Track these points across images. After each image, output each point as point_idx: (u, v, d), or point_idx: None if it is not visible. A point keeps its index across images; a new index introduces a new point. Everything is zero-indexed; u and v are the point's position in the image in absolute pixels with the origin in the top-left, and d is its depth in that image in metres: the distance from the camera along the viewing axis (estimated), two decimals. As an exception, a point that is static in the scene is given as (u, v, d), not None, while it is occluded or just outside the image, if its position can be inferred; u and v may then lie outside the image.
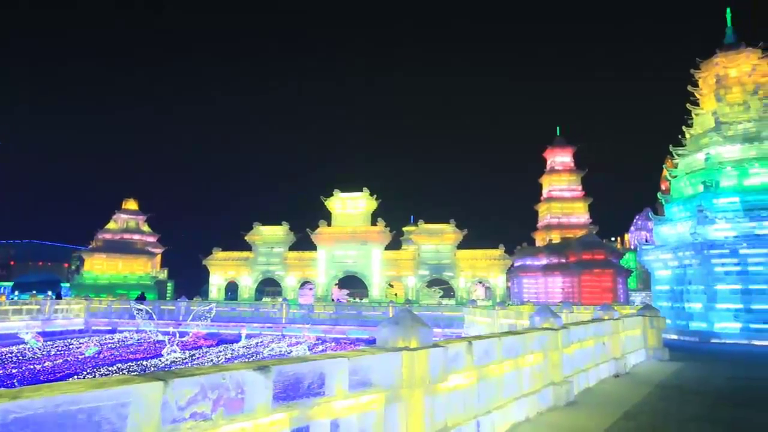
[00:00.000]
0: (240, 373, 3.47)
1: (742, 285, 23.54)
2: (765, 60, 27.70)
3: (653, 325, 15.99)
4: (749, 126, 26.09)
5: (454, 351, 6.03)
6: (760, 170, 25.08)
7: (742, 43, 28.26)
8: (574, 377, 9.87)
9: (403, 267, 57.27)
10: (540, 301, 56.60)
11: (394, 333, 5.40)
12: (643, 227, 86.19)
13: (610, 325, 12.83)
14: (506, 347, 7.35)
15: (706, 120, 27.81)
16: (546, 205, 77.40)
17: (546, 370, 8.73)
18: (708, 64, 28.86)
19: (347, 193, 58.61)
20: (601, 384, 11.10)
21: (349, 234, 55.99)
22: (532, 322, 9.64)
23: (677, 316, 25.57)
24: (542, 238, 75.01)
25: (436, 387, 5.59)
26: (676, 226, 27.25)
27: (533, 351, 8.32)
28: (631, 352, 14.18)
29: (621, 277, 62.71)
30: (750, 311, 23.14)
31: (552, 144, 79.14)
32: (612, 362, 12.39)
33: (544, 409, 8.34)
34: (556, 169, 78.39)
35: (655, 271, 28.78)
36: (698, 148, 27.66)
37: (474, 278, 58.80)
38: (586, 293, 58.35)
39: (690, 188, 27.52)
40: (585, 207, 76.41)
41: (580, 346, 10.65)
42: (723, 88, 27.53)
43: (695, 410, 8.75)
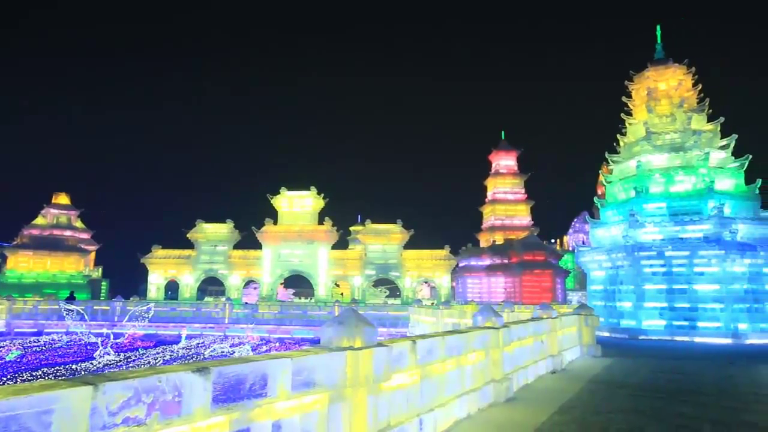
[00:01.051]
0: (177, 376, 3.36)
1: (666, 285, 25.12)
2: (689, 75, 29.68)
3: (588, 324, 16.77)
4: (675, 137, 27.88)
5: (398, 350, 6.08)
6: (684, 178, 26.85)
7: (670, 59, 30.17)
8: (514, 374, 10.20)
9: (350, 266, 57.23)
10: (483, 300, 58.09)
11: (338, 332, 5.39)
12: (581, 230, 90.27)
13: (549, 323, 13.34)
14: (449, 346, 7.49)
15: (638, 129, 29.46)
16: (490, 207, 79.62)
17: (487, 367, 8.98)
18: (640, 77, 30.60)
19: (294, 191, 57.92)
20: (539, 380, 11.52)
21: (296, 233, 55.33)
22: (474, 321, 9.88)
23: (610, 315, 26.94)
24: (486, 239, 77.09)
25: (380, 386, 5.62)
26: (610, 229, 28.70)
27: (475, 349, 8.53)
28: (568, 349, 14.81)
29: (559, 277, 65.39)
30: (673, 309, 24.74)
31: (497, 147, 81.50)
32: (550, 359, 12.89)
33: (485, 405, 8.57)
34: (500, 172, 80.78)
35: (590, 271, 30.19)
36: (631, 155, 29.26)
37: (420, 278, 59.59)
38: (527, 293, 60.46)
39: (623, 193, 29.06)
40: (527, 209, 79.19)
41: (520, 344, 11.02)
42: (653, 100, 29.28)
43: (622, 403, 9.26)
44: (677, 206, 26.31)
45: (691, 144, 27.35)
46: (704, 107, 28.61)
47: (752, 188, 26.73)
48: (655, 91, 29.67)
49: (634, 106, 30.86)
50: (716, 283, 24.30)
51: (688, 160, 27.11)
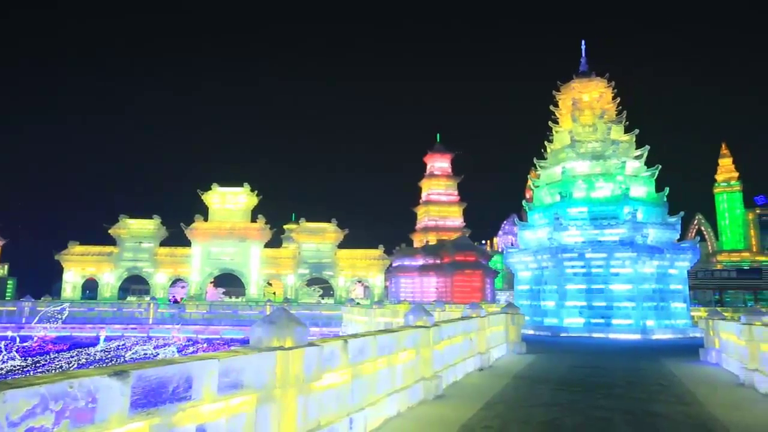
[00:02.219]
0: (92, 380, 3.14)
1: (586, 285, 26.68)
2: (609, 89, 31.70)
3: (514, 322, 17.47)
4: (596, 145, 29.66)
5: (330, 350, 6.05)
6: (603, 184, 28.63)
7: (593, 72, 32.08)
8: (444, 372, 10.44)
9: (283, 265, 56.29)
10: (416, 300, 59.04)
11: (268, 332, 5.28)
12: (510, 232, 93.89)
13: (478, 322, 13.77)
14: (381, 345, 7.54)
15: (563, 137, 31.08)
16: (425, 208, 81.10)
17: (418, 366, 9.13)
18: (566, 88, 32.29)
19: (227, 187, 56.17)
20: (468, 377, 11.86)
21: (228, 230, 53.67)
22: (406, 320, 10.01)
23: (534, 313, 28.22)
24: (420, 240, 78.44)
25: (311, 386, 5.56)
26: (536, 232, 30.07)
27: (406, 348, 8.64)
28: (495, 347, 15.35)
29: (489, 277, 67.70)
30: (591, 308, 26.31)
31: (432, 150, 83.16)
32: (478, 357, 13.31)
33: (415, 403, 8.70)
34: (435, 174, 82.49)
35: (517, 272, 31.49)
36: (557, 162, 30.80)
37: (353, 277, 59.63)
38: (457, 292, 62.10)
39: (549, 198, 30.54)
40: (460, 211, 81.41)
41: (449, 342, 11.29)
42: (577, 110, 31.00)
43: (543, 397, 9.74)
44: (597, 211, 28.00)
45: (610, 153, 29.19)
46: (622, 119, 30.63)
47: (661, 196, 28.94)
48: (580, 102, 31.42)
49: (560, 115, 32.51)
50: (629, 283, 26.10)
51: (608, 168, 28.92)
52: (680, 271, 27.60)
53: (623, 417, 8.13)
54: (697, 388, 10.88)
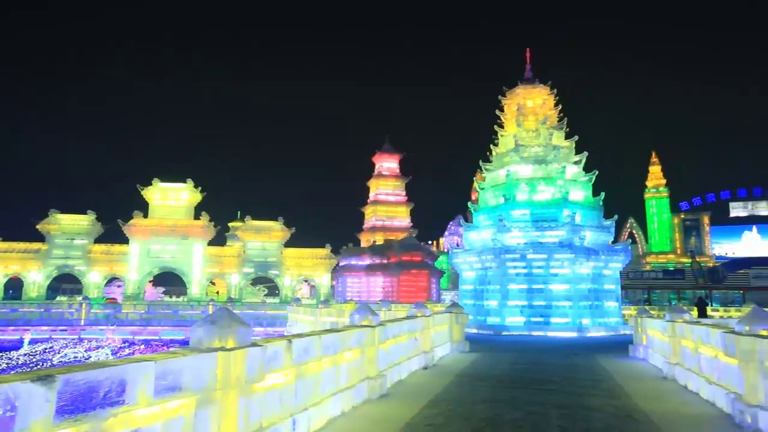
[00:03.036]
0: (11, 386, 2.94)
1: (527, 285, 27.61)
2: (552, 96, 32.96)
3: (458, 321, 17.82)
4: (539, 150, 30.76)
5: (273, 350, 5.95)
6: (545, 188, 29.72)
7: (537, 79, 33.26)
8: (388, 371, 10.51)
9: (227, 264, 54.87)
10: (362, 299, 59.10)
11: (209, 333, 5.13)
12: (455, 233, 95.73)
13: (423, 321, 13.95)
14: (326, 345, 7.50)
15: (508, 141, 32.02)
16: (372, 207, 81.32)
17: (362, 365, 9.14)
18: (512, 93, 33.29)
19: (169, 183, 54.10)
20: (412, 376, 12.00)
21: (169, 227, 51.70)
22: (351, 320, 10.00)
23: (478, 312, 28.91)
24: (367, 240, 78.59)
25: (253, 387, 5.45)
26: (481, 233, 30.81)
27: (351, 348, 8.64)
28: (439, 346, 15.60)
29: (435, 277, 68.73)
30: (532, 307, 27.26)
31: (381, 150, 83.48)
32: (422, 355, 13.48)
33: (359, 402, 8.71)
34: (383, 174, 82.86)
35: (462, 272, 32.14)
36: (501, 165, 31.69)
37: (300, 276, 58.96)
38: (404, 292, 62.66)
39: (494, 200, 31.37)
40: (407, 211, 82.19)
41: (395, 341, 11.38)
42: (522, 115, 32.03)
43: (484, 394, 10.00)
44: (539, 213, 29.02)
45: (552, 158, 30.35)
46: (563, 126, 31.91)
47: (597, 200, 30.38)
48: (524, 108, 32.47)
49: (505, 120, 33.47)
50: (567, 283, 27.23)
51: (549, 172, 30.04)
52: (614, 271, 29.08)
53: (558, 411, 8.47)
54: (625, 382, 11.50)
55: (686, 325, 11.14)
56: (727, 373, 8.51)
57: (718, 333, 8.67)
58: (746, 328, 7.62)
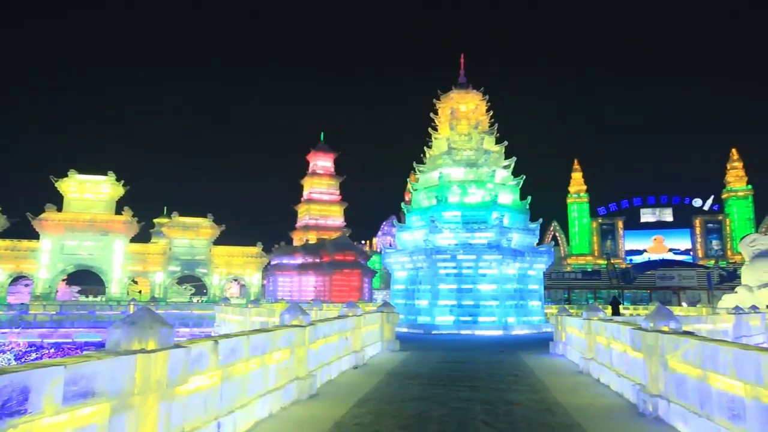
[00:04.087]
0: None
1: (457, 285, 28.38)
2: (484, 102, 34.09)
3: (389, 321, 18.01)
4: (470, 154, 31.71)
5: (198, 351, 5.75)
6: (476, 191, 30.69)
7: (470, 84, 34.28)
8: (318, 371, 10.44)
9: (152, 262, 52.26)
10: (294, 299, 58.31)
11: (128, 334, 4.87)
12: (389, 233, 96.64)
13: (354, 321, 13.98)
14: (254, 345, 7.34)
15: (441, 144, 32.76)
16: (306, 206, 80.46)
17: (292, 365, 9.02)
18: (446, 97, 34.10)
19: (87, 175, 50.70)
20: (342, 376, 11.99)
21: (87, 222, 48.46)
22: (282, 319, 9.85)
23: (409, 312, 29.35)
24: (300, 238, 77.67)
25: (176, 390, 5.23)
26: (414, 233, 31.31)
27: (281, 348, 8.50)
28: (370, 345, 15.69)
29: (367, 277, 69.02)
30: (461, 306, 28.05)
31: (315, 148, 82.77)
32: (353, 355, 13.51)
33: (288, 403, 8.59)
34: (317, 172, 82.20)
35: (394, 272, 32.52)
36: (435, 167, 32.38)
37: (229, 275, 57.24)
38: (336, 291, 62.47)
39: (426, 201, 31.98)
40: (341, 211, 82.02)
41: (325, 341, 11.32)
42: (455, 119, 32.89)
43: (412, 391, 10.18)
44: (469, 215, 29.92)
45: (482, 162, 31.38)
46: (494, 131, 33.10)
47: (524, 203, 31.78)
48: (457, 112, 33.36)
49: (439, 123, 34.22)
50: (494, 283, 28.26)
51: (480, 176, 31.05)
52: (538, 272, 30.52)
53: (483, 407, 8.78)
54: (545, 376, 12.11)
55: (600, 322, 11.90)
56: (634, 366, 9.18)
57: (628, 330, 9.34)
58: (651, 325, 8.26)
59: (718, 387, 6.09)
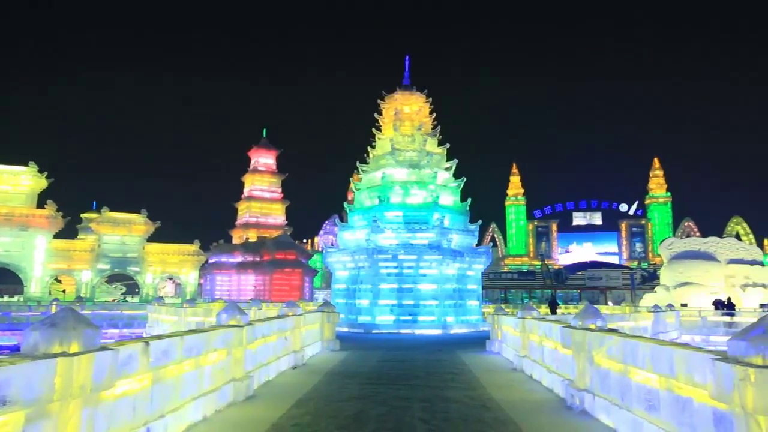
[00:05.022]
0: None
1: (397, 284, 28.65)
2: (427, 104, 34.62)
3: (329, 320, 17.92)
4: (413, 155, 32.10)
5: (127, 353, 5.47)
6: (418, 192, 31.10)
7: (414, 86, 34.69)
8: (256, 372, 10.22)
9: (78, 259, 49.32)
10: (233, 298, 56.80)
11: (48, 336, 4.56)
12: (331, 232, 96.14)
13: (293, 321, 13.79)
14: (188, 346, 7.08)
15: (385, 144, 32.96)
16: (246, 203, 78.62)
17: (228, 367, 8.78)
18: (390, 98, 34.34)
19: (4, 165, 47.10)
20: (281, 376, 11.80)
21: (3, 216, 45.03)
22: (218, 319, 9.57)
23: (350, 311, 29.33)
24: (240, 236, 75.82)
25: (101, 395, 4.95)
26: (356, 233, 31.31)
27: (217, 349, 8.26)
28: (310, 345, 15.54)
29: (308, 276, 68.37)
30: (401, 306, 28.34)
31: (257, 144, 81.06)
32: (292, 355, 13.32)
33: (223, 406, 8.35)
34: (259, 169, 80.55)
35: (335, 271, 32.38)
36: (378, 167, 32.53)
37: (164, 274, 55.01)
38: (276, 291, 61.48)
39: (369, 201, 32.07)
40: (283, 209, 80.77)
41: (264, 341, 11.10)
42: (399, 120, 33.18)
43: (352, 391, 10.18)
44: (411, 216, 30.27)
45: (425, 163, 31.85)
46: (436, 133, 33.67)
47: (465, 205, 32.54)
48: (401, 113, 33.67)
49: (383, 123, 34.40)
50: (434, 283, 28.76)
51: (422, 177, 31.49)
52: (476, 272, 31.35)
53: (421, 404, 8.91)
54: (482, 374, 12.46)
55: (534, 321, 12.39)
56: (563, 362, 9.62)
57: (558, 328, 9.78)
58: (579, 323, 8.69)
59: (637, 380, 6.49)
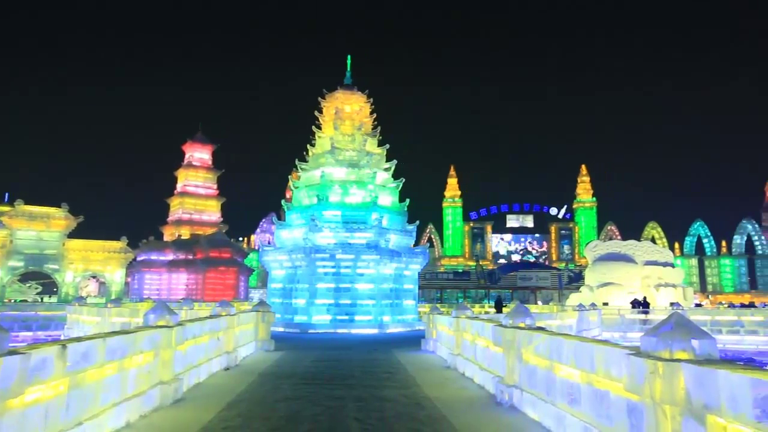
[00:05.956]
0: None
1: (335, 284, 28.54)
2: (368, 104, 34.73)
3: (264, 320, 17.56)
4: (353, 155, 32.11)
5: (40, 358, 5.10)
6: (357, 191, 31.12)
7: (355, 86, 34.70)
8: (186, 374, 9.85)
9: (-14, 256, 45.46)
10: (163, 297, 54.43)
11: (-52, 340, 4.17)
12: (268, 230, 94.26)
13: (227, 321, 13.41)
14: (112, 348, 6.70)
15: (325, 143, 32.74)
16: (179, 199, 75.61)
17: (156, 369, 8.40)
18: (331, 97, 34.14)
19: None
20: (212, 378, 11.44)
21: None
22: (146, 320, 9.14)
23: (286, 311, 28.89)
24: (171, 233, 72.83)
25: (8, 404, 4.59)
26: (293, 231, 30.88)
27: (144, 351, 7.88)
28: (243, 345, 15.16)
29: (244, 275, 66.74)
30: (338, 305, 28.26)
31: (193, 139, 78.19)
32: (225, 356, 12.94)
33: (149, 410, 7.98)
34: (193, 164, 77.73)
35: (272, 270, 31.79)
36: (317, 165, 32.25)
37: (86, 272, 51.83)
38: (210, 290, 59.60)
39: (307, 199, 31.73)
40: (218, 206, 78.35)
41: (195, 342, 10.72)
42: (339, 119, 33.06)
43: (286, 392, 10.03)
44: (349, 215, 30.24)
45: (365, 163, 31.93)
46: (377, 133, 33.85)
47: (403, 206, 32.92)
48: (342, 112, 33.56)
49: (323, 122, 34.15)
50: (371, 282, 28.88)
51: (361, 177, 31.54)
52: (413, 272, 31.78)
53: (356, 404, 8.92)
54: (416, 373, 12.65)
55: (468, 320, 12.73)
56: (495, 360, 9.95)
57: (490, 326, 10.11)
58: (510, 322, 9.03)
59: (561, 376, 6.82)
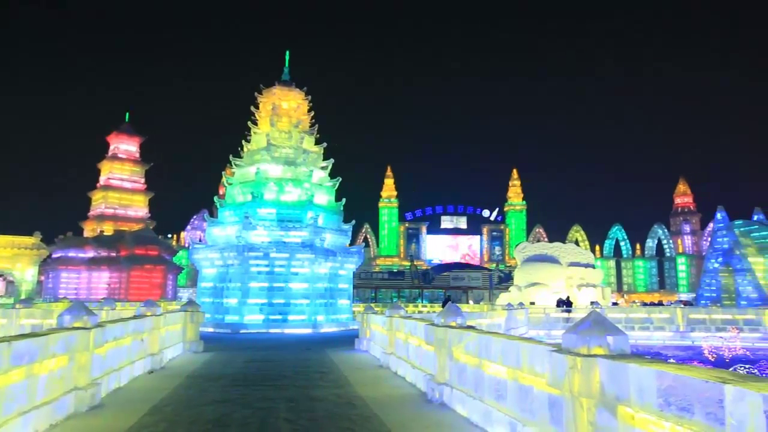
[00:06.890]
0: None
1: (268, 283, 27.98)
2: (306, 101, 34.33)
3: (193, 320, 16.92)
4: (290, 152, 31.62)
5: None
6: (292, 189, 30.66)
7: (293, 82, 34.20)
8: (105, 378, 9.29)
9: None
10: (81, 297, 51.11)
11: None
12: (199, 227, 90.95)
13: (152, 321, 12.79)
14: (18, 353, 6.20)
15: (261, 139, 32.01)
16: (102, 193, 71.32)
17: (70, 374, 7.87)
18: (268, 92, 33.45)
19: None
20: (134, 382, 10.88)
21: None
22: (60, 321, 8.53)
23: (216, 311, 27.98)
24: (93, 229, 68.56)
25: None
26: (226, 229, 29.97)
27: (56, 354, 7.36)
28: (170, 347, 14.53)
29: (172, 273, 64.04)
30: (271, 305, 27.73)
31: (118, 129, 74.02)
32: (149, 358, 12.35)
33: (61, 419, 7.46)
34: (119, 156, 73.62)
35: (202, 269, 30.69)
36: (252, 162, 31.47)
37: (-7, 270, 47.69)
38: (134, 289, 56.71)
39: (241, 196, 30.90)
40: (145, 201, 74.60)
41: (116, 344, 10.15)
42: (276, 116, 32.44)
43: (214, 394, 9.71)
44: (285, 214, 29.74)
45: (301, 161, 31.53)
46: (314, 132, 33.52)
47: (339, 205, 32.81)
48: (279, 108, 32.95)
49: (260, 118, 33.38)
50: (306, 282, 28.57)
51: (297, 175, 31.12)
52: (348, 272, 31.74)
53: (287, 404, 8.79)
54: (349, 372, 12.65)
55: (401, 319, 12.88)
56: (426, 358, 10.14)
57: (423, 325, 10.29)
58: (442, 321, 9.23)
59: (490, 373, 7.06)
